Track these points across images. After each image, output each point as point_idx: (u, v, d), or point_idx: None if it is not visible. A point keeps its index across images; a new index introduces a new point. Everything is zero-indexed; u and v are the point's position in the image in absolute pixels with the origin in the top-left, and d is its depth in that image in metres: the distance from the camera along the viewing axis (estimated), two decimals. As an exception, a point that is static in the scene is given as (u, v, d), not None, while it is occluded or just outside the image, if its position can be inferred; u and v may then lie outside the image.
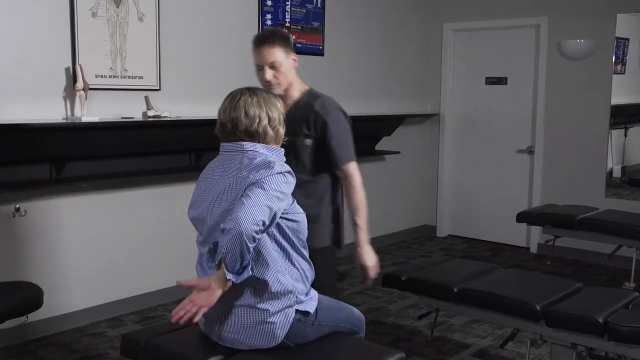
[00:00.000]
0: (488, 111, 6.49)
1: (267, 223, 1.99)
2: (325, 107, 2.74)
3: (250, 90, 2.23)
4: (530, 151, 6.21)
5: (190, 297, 2.05)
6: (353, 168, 2.80)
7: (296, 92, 2.76)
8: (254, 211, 1.94)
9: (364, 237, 2.78)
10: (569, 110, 5.92)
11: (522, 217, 5.02)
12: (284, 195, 2.07)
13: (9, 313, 2.79)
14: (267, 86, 2.67)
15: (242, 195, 2.02)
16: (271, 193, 2.01)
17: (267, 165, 2.09)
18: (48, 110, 3.83)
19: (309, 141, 2.72)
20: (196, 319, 2.05)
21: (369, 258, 2.78)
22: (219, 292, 2.02)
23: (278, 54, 2.66)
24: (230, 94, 2.24)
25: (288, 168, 2.14)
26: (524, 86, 6.22)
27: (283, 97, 2.68)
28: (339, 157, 2.75)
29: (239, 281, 2.00)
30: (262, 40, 2.68)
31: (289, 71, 2.71)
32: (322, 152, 2.72)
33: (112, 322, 4.18)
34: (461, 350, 3.76)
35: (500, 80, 6.37)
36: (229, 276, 1.98)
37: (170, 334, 2.38)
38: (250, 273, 2.02)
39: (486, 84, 6.46)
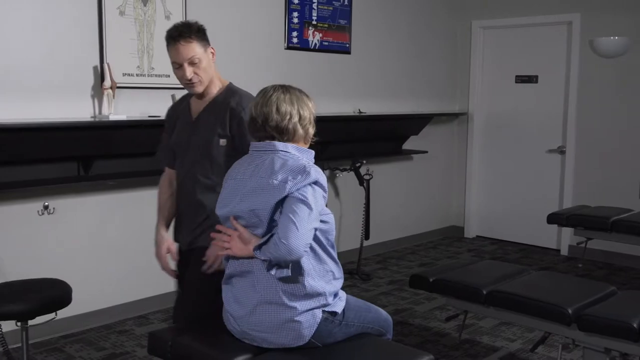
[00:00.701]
0: (518, 110, 6.39)
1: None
2: (242, 104, 2.54)
3: (284, 87, 2.23)
4: (561, 151, 6.10)
5: (232, 234, 2.16)
6: None
7: (215, 89, 2.61)
8: (305, 237, 2.01)
9: None
10: (602, 109, 5.79)
11: (553, 219, 4.92)
12: (323, 212, 2.14)
13: (39, 310, 2.81)
14: (189, 85, 2.53)
15: (285, 209, 2.05)
16: (315, 213, 2.06)
17: (303, 170, 2.09)
18: (76, 108, 3.86)
19: (223, 141, 2.53)
20: (221, 253, 2.25)
21: None
22: (250, 253, 2.11)
23: (196, 49, 2.48)
24: (263, 89, 2.25)
25: (322, 174, 2.14)
26: (555, 85, 6.10)
27: (202, 94, 2.58)
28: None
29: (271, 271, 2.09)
30: (177, 35, 2.47)
31: (209, 66, 2.55)
32: (237, 152, 2.49)
33: (139, 320, 4.20)
34: (490, 354, 3.70)
35: (531, 79, 6.26)
36: (261, 256, 2.08)
37: (198, 332, 2.37)
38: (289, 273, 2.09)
39: (516, 82, 6.36)
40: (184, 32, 2.47)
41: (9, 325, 3.12)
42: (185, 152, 2.61)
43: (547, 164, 6.21)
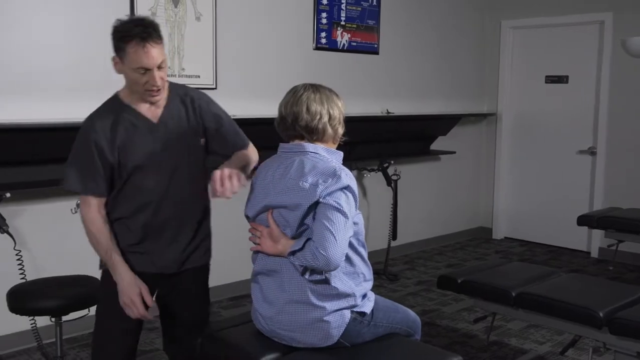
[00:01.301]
0: (547, 111, 6.32)
1: None
2: (204, 98, 2.39)
3: (314, 87, 2.22)
4: (592, 152, 6.02)
5: (263, 231, 2.17)
6: (253, 147, 2.52)
7: (165, 90, 2.29)
8: (343, 247, 2.01)
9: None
10: (634, 110, 5.70)
11: (583, 221, 4.86)
12: (356, 218, 2.15)
13: (72, 306, 2.87)
14: (153, 93, 2.20)
15: (319, 215, 2.04)
16: (350, 221, 2.06)
17: (333, 173, 2.08)
18: (109, 108, 3.92)
19: (203, 140, 2.35)
20: (252, 248, 2.23)
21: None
22: (279, 252, 2.12)
23: (163, 51, 2.17)
24: (293, 88, 2.24)
25: (352, 178, 2.13)
26: (586, 85, 6.02)
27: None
28: (242, 141, 2.45)
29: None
30: (146, 36, 2.11)
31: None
32: (209, 150, 2.39)
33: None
34: (518, 356, 3.67)
35: (561, 79, 6.19)
36: (295, 261, 2.08)
37: (228, 331, 2.40)
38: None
39: (546, 82, 6.29)
40: (152, 32, 2.13)
41: (43, 321, 3.19)
42: (159, 164, 2.26)
43: (577, 165, 6.14)
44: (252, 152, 2.50)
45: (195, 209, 2.37)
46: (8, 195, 3.38)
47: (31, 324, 3.37)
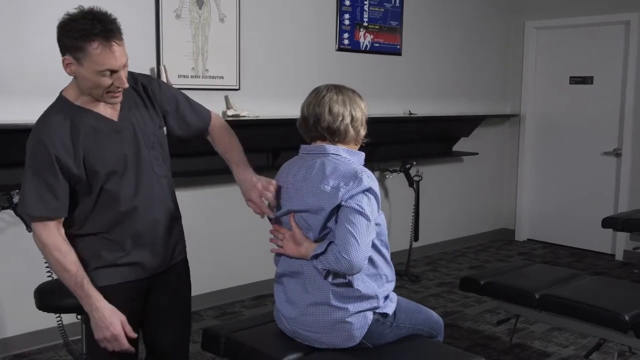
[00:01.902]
0: (571, 112, 6.25)
1: None
2: (153, 81, 2.25)
3: (337, 88, 2.22)
4: (617, 154, 5.94)
5: (285, 234, 2.17)
6: (216, 114, 2.42)
7: None
8: (365, 251, 2.01)
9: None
10: (661, 111, 5.63)
11: (608, 223, 4.80)
12: (378, 219, 2.15)
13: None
14: (115, 95, 2.00)
15: (342, 219, 2.04)
16: (372, 224, 2.06)
17: (354, 176, 2.08)
18: (134, 109, 3.96)
19: (165, 128, 2.24)
20: (274, 250, 2.24)
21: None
22: (301, 255, 2.12)
23: (125, 48, 1.98)
24: (316, 89, 2.24)
25: (374, 179, 2.13)
26: (611, 86, 5.95)
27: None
28: (204, 114, 2.36)
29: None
30: (110, 35, 1.89)
31: None
32: (173, 135, 2.30)
33: (192, 316, 4.28)
34: (542, 359, 3.64)
35: (586, 80, 6.13)
36: (318, 265, 2.08)
37: (250, 330, 2.42)
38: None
39: (570, 83, 6.23)
40: (114, 29, 1.92)
41: (69, 318, 3.24)
42: (132, 165, 2.09)
43: (602, 166, 6.07)
44: (225, 127, 2.43)
45: (171, 204, 2.26)
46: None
47: (57, 322, 3.42)
